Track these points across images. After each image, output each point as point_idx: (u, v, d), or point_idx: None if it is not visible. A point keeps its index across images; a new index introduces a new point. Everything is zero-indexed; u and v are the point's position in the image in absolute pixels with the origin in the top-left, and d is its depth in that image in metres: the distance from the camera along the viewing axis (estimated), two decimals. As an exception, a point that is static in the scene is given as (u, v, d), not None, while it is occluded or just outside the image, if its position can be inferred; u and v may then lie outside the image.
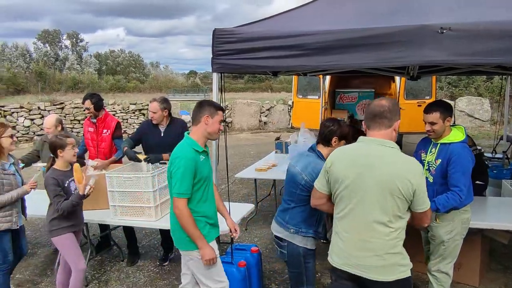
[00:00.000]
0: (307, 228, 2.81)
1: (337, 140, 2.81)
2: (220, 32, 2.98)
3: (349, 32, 2.66)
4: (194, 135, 2.75)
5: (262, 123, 16.25)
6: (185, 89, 43.43)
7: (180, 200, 2.61)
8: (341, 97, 10.16)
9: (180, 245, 2.80)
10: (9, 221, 3.43)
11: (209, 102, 2.78)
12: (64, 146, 3.30)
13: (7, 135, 3.43)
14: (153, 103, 4.25)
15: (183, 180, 2.58)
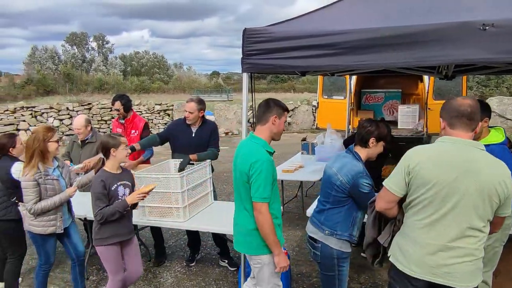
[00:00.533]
0: (342, 230, 2.75)
1: (374, 141, 2.77)
2: (250, 31, 2.93)
3: (383, 30, 2.56)
4: (262, 135, 2.70)
5: (286, 124, 16.16)
6: (208, 90, 43.65)
7: (264, 205, 2.55)
8: (367, 98, 9.98)
9: (251, 249, 2.73)
10: (54, 225, 3.41)
11: (276, 102, 2.73)
12: (117, 145, 3.14)
13: (54, 139, 3.37)
14: (190, 103, 4.23)
15: (266, 184, 2.54)
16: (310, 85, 47.93)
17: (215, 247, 4.77)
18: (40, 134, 3.29)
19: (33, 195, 3.24)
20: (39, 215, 3.31)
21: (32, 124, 13.16)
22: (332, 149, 6.13)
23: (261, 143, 2.66)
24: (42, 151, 3.27)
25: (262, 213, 2.56)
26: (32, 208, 3.25)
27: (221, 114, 15.52)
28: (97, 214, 3.06)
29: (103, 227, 3.13)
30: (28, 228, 3.39)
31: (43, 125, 3.55)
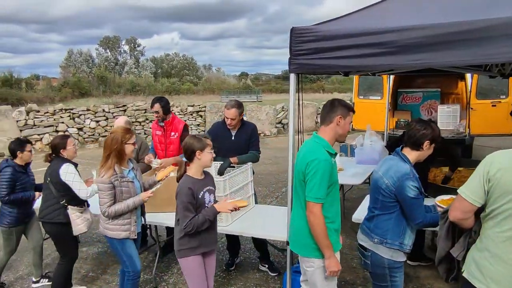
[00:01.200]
0: (392, 239, 2.60)
1: (428, 144, 2.64)
2: (298, 30, 2.83)
3: (444, 26, 2.40)
4: (325, 135, 2.64)
5: (318, 125, 15.95)
6: (237, 91, 43.84)
7: (316, 205, 2.49)
8: (404, 98, 9.70)
9: (303, 251, 2.70)
10: (127, 230, 3.29)
11: (341, 102, 2.66)
12: (203, 147, 2.88)
13: (131, 141, 3.26)
14: (231, 110, 4.12)
15: (322, 184, 2.47)
16: (339, 85, 47.40)
17: (254, 251, 4.70)
18: (118, 135, 3.19)
19: (107, 198, 3.15)
20: (114, 218, 3.23)
21: (70, 126, 13.53)
22: (372, 151, 5.94)
23: (323, 143, 2.60)
24: (120, 152, 3.18)
25: (313, 214, 2.50)
26: (106, 211, 3.16)
27: (253, 115, 15.47)
28: (187, 226, 2.78)
29: (189, 236, 2.88)
30: (103, 231, 3.31)
31: (121, 126, 3.46)
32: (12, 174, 3.82)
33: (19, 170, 3.89)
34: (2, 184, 3.82)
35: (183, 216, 2.79)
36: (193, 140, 2.89)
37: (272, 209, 4.50)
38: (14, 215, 3.91)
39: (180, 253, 2.94)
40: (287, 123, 16.00)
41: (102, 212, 3.19)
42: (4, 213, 3.93)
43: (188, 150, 2.87)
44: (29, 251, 4.34)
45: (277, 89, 49.80)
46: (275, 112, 15.98)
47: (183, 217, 2.79)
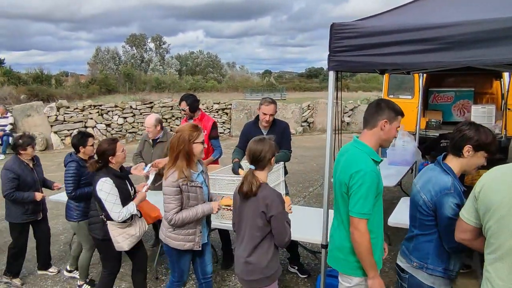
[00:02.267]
0: (434, 264, 2.25)
1: (471, 149, 2.19)
2: (338, 26, 2.73)
3: (496, 22, 2.26)
4: (368, 140, 2.38)
5: (344, 124, 15.72)
6: (261, 89, 43.73)
7: (362, 221, 2.26)
8: (435, 97, 9.44)
9: (342, 267, 2.49)
10: (192, 241, 3.01)
11: (389, 104, 2.37)
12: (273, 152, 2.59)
13: (199, 140, 2.94)
14: (270, 106, 4.08)
15: (367, 199, 2.25)
16: (364, 84, 46.67)
17: (283, 251, 4.62)
18: (185, 133, 2.88)
19: (174, 204, 2.88)
20: (178, 227, 2.97)
21: (98, 122, 13.77)
22: (404, 152, 5.79)
23: (368, 151, 2.34)
24: (188, 153, 2.87)
25: (358, 230, 2.27)
26: (173, 219, 2.88)
27: (278, 113, 15.30)
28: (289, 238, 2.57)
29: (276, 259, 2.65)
30: (165, 240, 3.04)
31: (188, 124, 3.11)
32: (76, 169, 3.81)
33: (82, 165, 3.84)
34: (68, 179, 3.81)
35: (285, 231, 2.50)
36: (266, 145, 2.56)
37: (305, 210, 4.42)
38: (81, 209, 3.92)
39: (273, 277, 2.62)
40: (313, 122, 15.86)
41: (168, 219, 2.91)
42: (71, 207, 3.96)
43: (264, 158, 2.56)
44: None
45: (300, 87, 49.47)
46: (300, 111, 15.83)
47: (284, 232, 2.50)
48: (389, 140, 2.42)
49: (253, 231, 2.54)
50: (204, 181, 3.06)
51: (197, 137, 2.91)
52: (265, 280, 2.58)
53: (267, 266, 2.55)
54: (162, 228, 3.11)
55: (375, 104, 2.42)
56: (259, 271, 2.56)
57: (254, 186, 2.49)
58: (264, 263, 2.55)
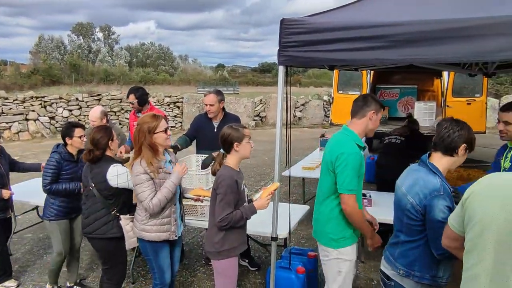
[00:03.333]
0: (421, 271, 2.14)
1: (464, 148, 2.15)
2: (288, 22, 2.75)
3: (440, 23, 2.37)
4: (355, 128, 2.66)
5: (296, 118, 15.98)
6: (214, 83, 43.39)
7: (351, 197, 2.53)
8: (382, 93, 9.83)
9: (321, 239, 2.78)
10: (167, 230, 2.91)
11: (374, 98, 2.72)
12: (241, 138, 2.69)
13: (161, 129, 2.85)
14: (209, 96, 4.09)
15: (353, 176, 2.52)
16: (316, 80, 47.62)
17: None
18: (144, 125, 2.81)
19: (149, 190, 2.76)
20: (156, 215, 2.84)
21: (41, 114, 13.03)
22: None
23: (353, 136, 2.62)
24: (150, 144, 2.80)
25: (348, 205, 2.53)
26: (150, 205, 2.76)
27: (231, 107, 15.32)
28: (223, 220, 2.57)
29: (230, 235, 2.68)
30: (140, 234, 2.91)
31: (148, 114, 3.00)
32: (57, 162, 3.47)
33: (66, 158, 3.52)
34: (46, 171, 3.47)
35: (222, 210, 2.59)
36: (231, 130, 2.71)
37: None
38: (55, 207, 3.55)
39: (222, 254, 2.69)
40: (265, 116, 15.98)
41: (146, 207, 2.78)
42: (47, 204, 3.60)
43: (227, 142, 2.70)
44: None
45: (253, 82, 49.60)
46: (253, 105, 15.89)
47: (222, 210, 2.59)
48: (374, 129, 2.70)
49: (212, 207, 2.70)
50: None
51: (157, 126, 2.83)
52: (216, 254, 2.72)
53: (218, 242, 2.68)
54: (135, 223, 2.97)
55: (362, 97, 2.71)
56: (211, 245, 2.73)
57: (215, 167, 2.77)
58: (216, 239, 2.68)
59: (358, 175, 2.57)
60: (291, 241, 4.86)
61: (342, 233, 2.66)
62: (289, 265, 3.24)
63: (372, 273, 4.17)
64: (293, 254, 3.43)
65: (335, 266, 2.69)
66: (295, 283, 3.17)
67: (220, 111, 4.15)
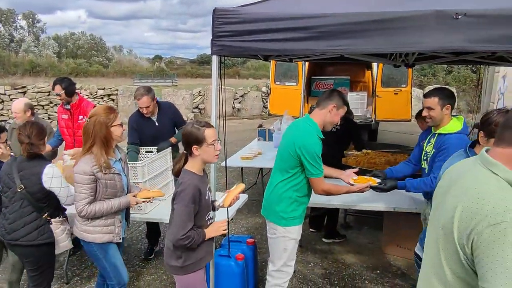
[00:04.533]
0: None
1: None
2: (221, 11, 2.76)
3: (363, 15, 2.51)
4: (316, 118, 2.83)
5: (235, 110, 16.03)
6: (151, 75, 42.18)
7: (320, 179, 2.76)
8: (317, 84, 10.13)
9: (269, 215, 2.94)
10: (111, 232, 2.71)
11: (340, 94, 2.86)
12: (200, 141, 2.32)
13: (117, 122, 2.65)
14: (143, 99, 3.95)
15: (318, 161, 2.73)
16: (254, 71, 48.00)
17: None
18: (102, 117, 2.58)
19: (86, 193, 2.55)
20: (93, 219, 2.64)
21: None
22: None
23: (314, 127, 2.79)
24: (106, 138, 2.58)
25: (321, 187, 2.78)
26: (84, 210, 2.56)
27: (168, 99, 15.02)
28: (185, 238, 2.24)
29: (194, 249, 2.37)
30: (81, 235, 2.69)
31: (103, 106, 2.79)
32: None
33: None
34: None
35: (184, 225, 2.24)
36: (191, 130, 2.33)
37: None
38: None
39: (187, 268, 2.38)
40: (204, 108, 15.85)
41: (78, 210, 2.58)
42: None
43: (184, 142, 2.38)
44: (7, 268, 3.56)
45: (192, 74, 48.92)
46: (191, 97, 15.70)
47: (184, 226, 2.24)
48: (331, 123, 2.87)
49: (171, 214, 2.38)
50: (122, 170, 2.77)
51: (114, 119, 2.63)
52: (179, 269, 2.39)
53: (181, 255, 2.35)
54: (75, 222, 2.74)
55: (329, 91, 2.89)
56: (173, 259, 2.39)
57: (175, 169, 2.43)
58: (179, 251, 2.35)
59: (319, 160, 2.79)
60: (231, 230, 4.94)
61: (293, 213, 2.85)
62: (229, 253, 3.29)
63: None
64: (232, 242, 3.48)
65: (282, 243, 2.88)
66: (234, 270, 3.23)
67: (155, 107, 4.09)
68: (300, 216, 2.91)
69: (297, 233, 2.91)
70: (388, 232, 4.32)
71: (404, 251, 4.24)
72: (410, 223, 3.95)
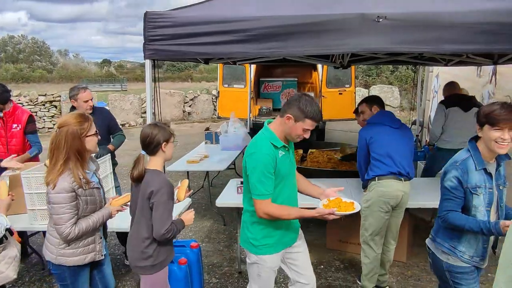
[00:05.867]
0: (443, 238, 2.34)
1: None
2: (152, 15, 2.75)
3: (292, 18, 2.61)
4: (275, 128, 2.38)
5: (186, 114, 15.86)
6: (100, 79, 40.79)
7: (262, 202, 2.29)
8: (266, 86, 10.28)
9: (242, 241, 2.60)
10: (93, 250, 2.49)
11: (302, 102, 2.28)
12: (168, 138, 2.44)
13: (92, 132, 2.41)
14: (86, 92, 3.95)
15: (263, 180, 2.28)
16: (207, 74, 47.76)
17: (119, 246, 4.50)
18: (73, 127, 2.31)
19: (70, 213, 2.31)
20: (74, 241, 2.41)
21: None
22: (236, 137, 6.16)
23: (268, 135, 2.35)
24: (80, 150, 2.33)
25: (260, 210, 2.31)
26: (71, 232, 2.32)
27: (116, 104, 14.61)
28: (169, 231, 2.37)
29: (163, 247, 2.50)
30: (58, 260, 2.42)
31: (74, 114, 2.45)
32: None
33: None
34: None
35: (166, 220, 2.36)
36: (157, 129, 2.41)
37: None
38: None
39: (156, 267, 2.48)
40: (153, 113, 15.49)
41: (64, 234, 2.32)
42: None
43: (152, 142, 2.41)
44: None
45: (143, 78, 47.79)
46: (140, 102, 15.36)
47: (165, 220, 2.35)
48: (292, 136, 2.35)
49: (139, 216, 2.46)
50: (99, 181, 2.59)
51: (89, 129, 2.39)
52: (150, 268, 2.49)
53: (153, 254, 2.46)
54: (49, 246, 2.46)
55: (295, 96, 2.34)
56: (143, 259, 2.47)
57: (138, 171, 2.40)
58: (150, 251, 2.45)
59: (272, 177, 2.31)
60: (179, 235, 4.87)
61: (265, 240, 2.46)
62: (171, 258, 3.25)
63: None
64: (176, 246, 3.45)
65: (255, 269, 2.54)
66: (177, 274, 3.19)
67: None
68: (276, 243, 2.49)
69: (274, 261, 2.52)
70: (331, 228, 4.46)
71: (346, 245, 4.39)
72: (352, 218, 4.10)
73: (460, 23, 2.53)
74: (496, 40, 2.54)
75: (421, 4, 2.66)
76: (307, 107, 2.26)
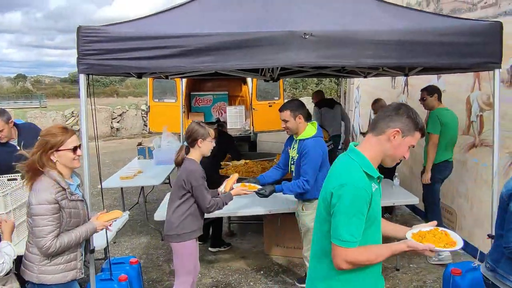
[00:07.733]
0: (506, 270, 2.03)
1: None
2: (86, 30, 2.72)
3: (226, 35, 2.74)
4: (368, 150, 1.81)
5: (114, 130, 15.32)
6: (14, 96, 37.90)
7: (344, 251, 1.70)
8: (197, 100, 10.34)
9: None
10: (74, 268, 2.39)
11: (410, 112, 1.78)
12: (205, 136, 3.01)
13: (70, 146, 2.34)
14: None
15: (352, 221, 1.69)
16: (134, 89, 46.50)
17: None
18: (46, 138, 2.33)
19: (53, 224, 2.23)
20: (54, 256, 2.30)
21: None
22: (169, 151, 6.13)
23: (360, 161, 1.77)
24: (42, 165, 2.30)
25: (345, 259, 1.70)
26: (52, 246, 2.22)
27: (37, 122, 13.67)
28: (212, 205, 3.00)
29: (190, 220, 3.02)
30: (39, 279, 2.29)
31: (54, 126, 2.46)
32: None
33: None
34: None
35: (204, 197, 2.97)
36: (198, 127, 3.01)
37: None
38: None
39: (182, 236, 2.99)
40: (79, 129, 14.80)
41: (45, 247, 2.22)
42: None
43: (191, 136, 3.01)
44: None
45: (64, 94, 45.34)
46: (63, 118, 14.58)
47: (204, 198, 2.97)
48: (395, 157, 1.81)
49: (173, 196, 3.07)
50: (82, 195, 2.53)
51: (62, 142, 2.32)
52: (176, 237, 3.01)
53: (178, 225, 2.99)
54: (28, 264, 2.34)
55: (395, 106, 1.82)
56: (172, 229, 3.01)
57: (179, 157, 3.04)
58: (176, 223, 3.00)
59: (364, 218, 1.71)
60: (114, 253, 4.74)
61: None
62: (110, 276, 3.18)
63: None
64: (114, 264, 3.38)
65: None
66: (117, 292, 3.14)
67: (12, 130, 3.74)
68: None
69: None
70: (268, 234, 4.63)
71: (283, 249, 4.59)
72: (287, 223, 4.31)
73: (376, 40, 2.84)
74: (407, 55, 2.91)
75: (344, 23, 2.94)
76: (417, 117, 1.79)
